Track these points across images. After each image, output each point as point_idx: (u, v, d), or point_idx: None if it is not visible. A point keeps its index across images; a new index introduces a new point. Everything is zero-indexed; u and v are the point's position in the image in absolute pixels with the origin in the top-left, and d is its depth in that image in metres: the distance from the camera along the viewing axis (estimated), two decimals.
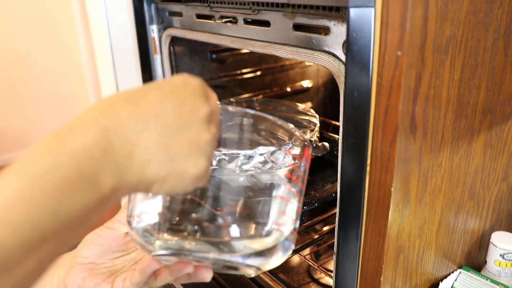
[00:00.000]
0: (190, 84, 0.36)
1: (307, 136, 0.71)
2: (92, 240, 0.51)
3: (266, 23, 0.63)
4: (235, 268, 0.49)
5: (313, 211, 0.63)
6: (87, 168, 0.29)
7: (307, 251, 0.91)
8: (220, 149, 0.66)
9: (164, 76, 0.97)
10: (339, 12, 0.51)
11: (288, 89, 1.16)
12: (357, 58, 0.47)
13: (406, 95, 0.46)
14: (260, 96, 1.12)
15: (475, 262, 0.73)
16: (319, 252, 0.91)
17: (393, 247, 0.54)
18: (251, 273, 0.50)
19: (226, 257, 0.46)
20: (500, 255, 0.66)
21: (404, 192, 0.51)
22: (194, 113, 0.35)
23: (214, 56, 1.01)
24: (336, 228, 0.57)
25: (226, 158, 0.65)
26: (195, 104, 0.35)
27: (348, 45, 0.47)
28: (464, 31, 0.49)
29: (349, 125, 0.50)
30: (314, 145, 0.73)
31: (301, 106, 0.88)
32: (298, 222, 0.49)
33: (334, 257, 0.58)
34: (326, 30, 0.54)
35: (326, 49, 0.54)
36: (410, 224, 0.55)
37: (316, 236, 0.71)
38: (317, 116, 0.81)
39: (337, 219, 0.56)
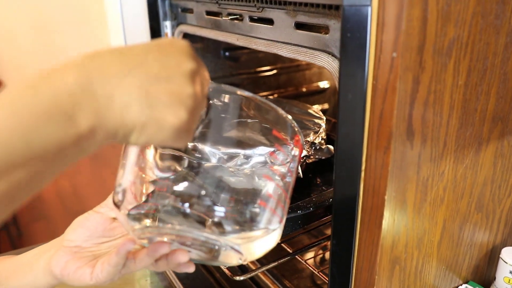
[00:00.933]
0: (178, 43, 0.37)
1: (310, 138, 0.69)
2: (79, 223, 0.52)
3: (270, 21, 0.62)
4: (217, 256, 0.49)
5: (311, 215, 0.61)
6: (65, 103, 0.29)
7: (309, 255, 0.89)
8: (219, 147, 0.65)
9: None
10: (338, 11, 0.49)
11: (304, 90, 1.14)
12: (351, 59, 0.45)
13: (402, 99, 0.43)
14: (275, 96, 1.10)
15: (484, 277, 0.69)
16: (325, 257, 0.89)
17: (387, 257, 0.51)
18: (233, 261, 0.49)
19: (212, 236, 0.46)
20: (510, 272, 0.63)
21: (400, 201, 0.49)
22: (178, 66, 0.35)
23: (227, 53, 1.00)
24: (331, 235, 0.54)
25: (225, 157, 0.64)
26: (180, 59, 0.36)
27: (342, 45, 0.45)
28: (470, 33, 0.46)
29: (343, 129, 0.48)
30: (317, 148, 0.71)
31: (312, 107, 0.86)
32: (285, 210, 0.49)
33: (329, 264, 0.56)
34: (326, 29, 0.52)
35: (326, 49, 0.52)
36: (407, 235, 0.52)
37: (319, 241, 0.69)
38: (323, 118, 0.79)
39: (331, 225, 0.54)
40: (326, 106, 1.19)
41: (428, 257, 0.57)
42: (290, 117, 0.49)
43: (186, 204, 0.47)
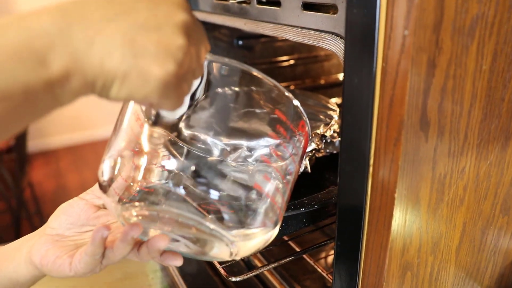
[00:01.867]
0: None
1: (320, 130, 0.64)
2: (62, 210, 0.49)
3: (277, 3, 0.57)
4: (208, 251, 0.45)
5: (317, 213, 0.57)
6: (38, 43, 0.27)
7: (322, 255, 0.84)
8: (222, 138, 0.61)
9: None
10: None
11: (322, 82, 1.08)
12: (358, 38, 0.40)
13: (415, 84, 0.38)
14: (292, 87, 1.05)
15: (510, 287, 0.63)
16: None
17: (397, 262, 0.46)
18: (225, 257, 0.45)
19: (211, 225, 0.42)
20: None
21: (412, 200, 0.44)
22: (169, 16, 0.33)
23: (240, 42, 0.96)
24: (336, 235, 0.50)
25: (228, 148, 0.60)
26: (172, 9, 0.33)
27: (348, 22, 0.40)
28: (497, 11, 0.40)
29: (349, 117, 0.43)
30: (328, 141, 0.66)
31: (328, 100, 0.81)
32: (284, 201, 0.46)
33: (333, 267, 0.52)
34: (334, 9, 0.47)
35: (334, 30, 0.47)
36: (420, 238, 0.47)
37: (326, 242, 0.64)
38: (337, 110, 0.74)
39: (336, 225, 0.49)
40: None
41: (445, 264, 0.52)
42: (297, 102, 0.45)
43: (183, 190, 0.44)
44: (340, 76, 1.12)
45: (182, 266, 0.84)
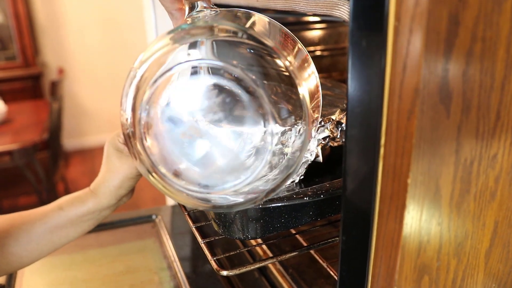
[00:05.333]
0: None
1: (334, 116, 0.58)
2: None
3: None
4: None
5: (325, 205, 0.50)
6: None
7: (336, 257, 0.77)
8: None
9: None
10: None
11: None
12: None
13: (432, 44, 0.32)
14: None
15: None
16: None
17: (411, 264, 0.39)
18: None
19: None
20: None
21: (430, 188, 0.37)
22: None
23: None
24: (340, 229, 0.43)
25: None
26: None
27: None
28: None
29: (355, 87, 0.37)
30: (344, 129, 0.59)
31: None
32: (302, 145, 0.42)
33: (338, 266, 0.45)
34: None
35: None
36: (440, 237, 0.40)
37: (334, 238, 0.57)
38: None
39: (341, 216, 0.43)
40: None
41: (472, 270, 0.44)
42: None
43: None
44: None
45: (186, 264, 0.79)
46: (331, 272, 0.61)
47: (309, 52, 0.99)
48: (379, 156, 0.37)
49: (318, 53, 0.99)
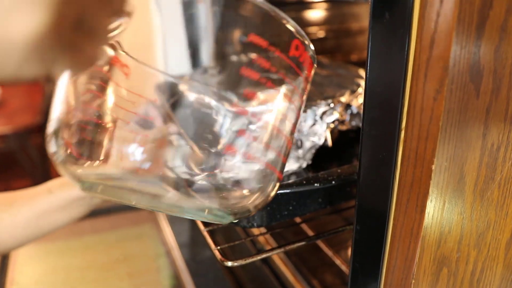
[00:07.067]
0: None
1: (344, 98, 0.55)
2: None
3: None
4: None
5: (335, 191, 0.47)
6: None
7: (342, 245, 0.74)
8: (224, 103, 0.53)
9: (205, 28, 0.85)
10: None
11: (354, 57, 0.98)
12: None
13: (465, 16, 0.29)
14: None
15: None
16: None
17: (431, 256, 0.37)
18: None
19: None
20: None
21: (454, 175, 0.34)
22: None
23: None
24: (355, 217, 0.41)
25: (231, 115, 0.51)
26: None
27: None
28: None
29: (376, 63, 0.34)
30: (354, 112, 0.56)
31: (358, 69, 0.71)
32: (280, 153, 0.36)
33: (351, 257, 0.42)
34: None
35: None
36: (462, 226, 0.37)
37: (344, 227, 0.55)
38: None
39: (355, 204, 0.40)
40: None
41: (491, 261, 0.42)
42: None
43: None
44: None
45: (185, 251, 0.77)
46: (338, 261, 0.58)
47: (312, 33, 0.96)
48: (399, 140, 0.35)
49: (321, 34, 0.96)
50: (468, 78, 0.31)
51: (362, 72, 0.67)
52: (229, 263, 0.45)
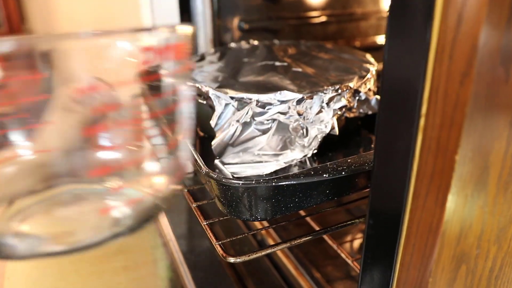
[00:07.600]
0: None
1: (352, 84, 0.52)
2: None
3: None
4: None
5: (344, 183, 0.45)
6: None
7: (345, 238, 0.72)
8: (227, 91, 0.50)
9: (204, 15, 0.81)
10: None
11: (357, 43, 0.95)
12: None
13: None
14: None
15: None
16: None
17: (450, 252, 0.34)
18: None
19: None
20: None
21: (479, 167, 0.31)
22: None
23: None
24: (368, 211, 0.38)
25: (235, 103, 0.48)
26: None
27: None
28: None
29: (395, 43, 0.31)
30: (362, 99, 0.53)
31: (364, 54, 0.68)
32: None
33: (362, 253, 0.40)
34: None
35: None
36: (483, 221, 0.35)
37: (353, 220, 0.52)
38: (375, 64, 0.61)
39: (369, 197, 0.37)
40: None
41: (511, 258, 0.39)
42: None
43: None
44: (378, 39, 0.98)
45: (183, 242, 0.74)
46: (342, 255, 0.56)
47: (314, 17, 0.93)
48: (418, 128, 0.32)
49: (323, 19, 0.92)
50: (499, 60, 0.28)
51: (370, 57, 0.64)
52: (232, 259, 0.43)
